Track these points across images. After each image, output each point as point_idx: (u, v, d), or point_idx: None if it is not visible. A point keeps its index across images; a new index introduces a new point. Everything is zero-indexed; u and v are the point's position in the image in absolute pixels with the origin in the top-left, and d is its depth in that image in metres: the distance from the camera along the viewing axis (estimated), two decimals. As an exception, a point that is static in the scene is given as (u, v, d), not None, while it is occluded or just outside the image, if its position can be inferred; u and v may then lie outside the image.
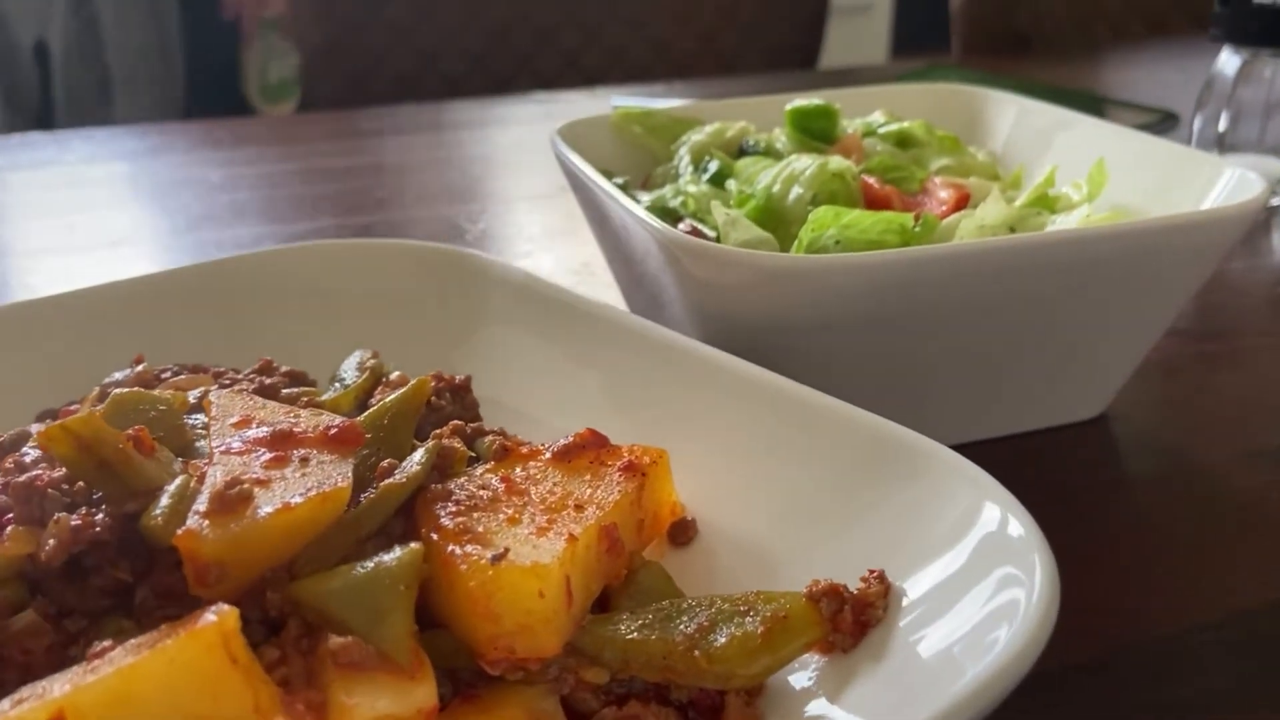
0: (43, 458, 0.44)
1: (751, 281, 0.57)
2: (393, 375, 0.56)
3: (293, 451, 0.43)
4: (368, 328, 0.64)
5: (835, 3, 2.12)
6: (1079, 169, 0.74)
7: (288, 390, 0.54)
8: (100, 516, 0.41)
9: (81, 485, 0.42)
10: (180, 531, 0.38)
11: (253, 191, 1.19)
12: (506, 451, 0.49)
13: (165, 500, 0.40)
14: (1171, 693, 0.48)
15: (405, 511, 0.44)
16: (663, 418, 0.55)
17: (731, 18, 2.02)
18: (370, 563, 0.40)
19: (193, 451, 0.46)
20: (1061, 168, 0.75)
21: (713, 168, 0.77)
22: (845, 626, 0.42)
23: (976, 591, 0.40)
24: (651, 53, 1.97)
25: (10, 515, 0.42)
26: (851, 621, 0.42)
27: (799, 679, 0.42)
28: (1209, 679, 0.49)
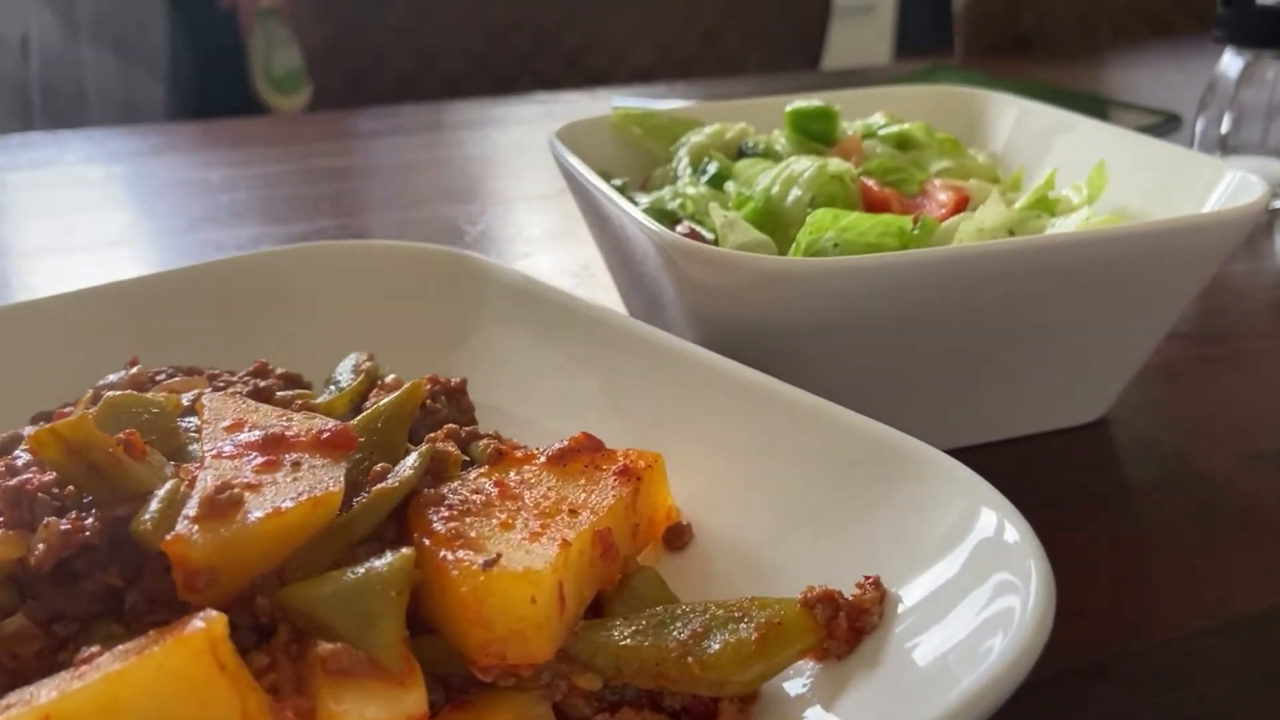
0: (34, 461, 0.44)
1: (748, 284, 0.57)
2: (388, 378, 0.55)
3: (284, 455, 0.43)
4: (364, 330, 0.63)
5: (838, 3, 2.12)
6: (1079, 171, 0.74)
7: (282, 393, 0.54)
8: (90, 521, 0.40)
9: (72, 489, 0.42)
10: (169, 536, 0.38)
11: (252, 192, 1.19)
12: (501, 455, 0.49)
13: (155, 505, 0.40)
14: (1171, 700, 0.48)
15: (398, 516, 0.44)
16: (659, 421, 0.55)
17: (734, 18, 2.02)
18: (361, 568, 0.39)
19: (185, 455, 0.45)
20: (1062, 170, 0.75)
21: (712, 169, 0.77)
22: (840, 633, 0.42)
23: (972, 598, 0.39)
24: (654, 53, 1.97)
25: (0, 519, 0.42)
26: (846, 628, 0.42)
27: (793, 686, 0.42)
28: (1209, 686, 0.49)
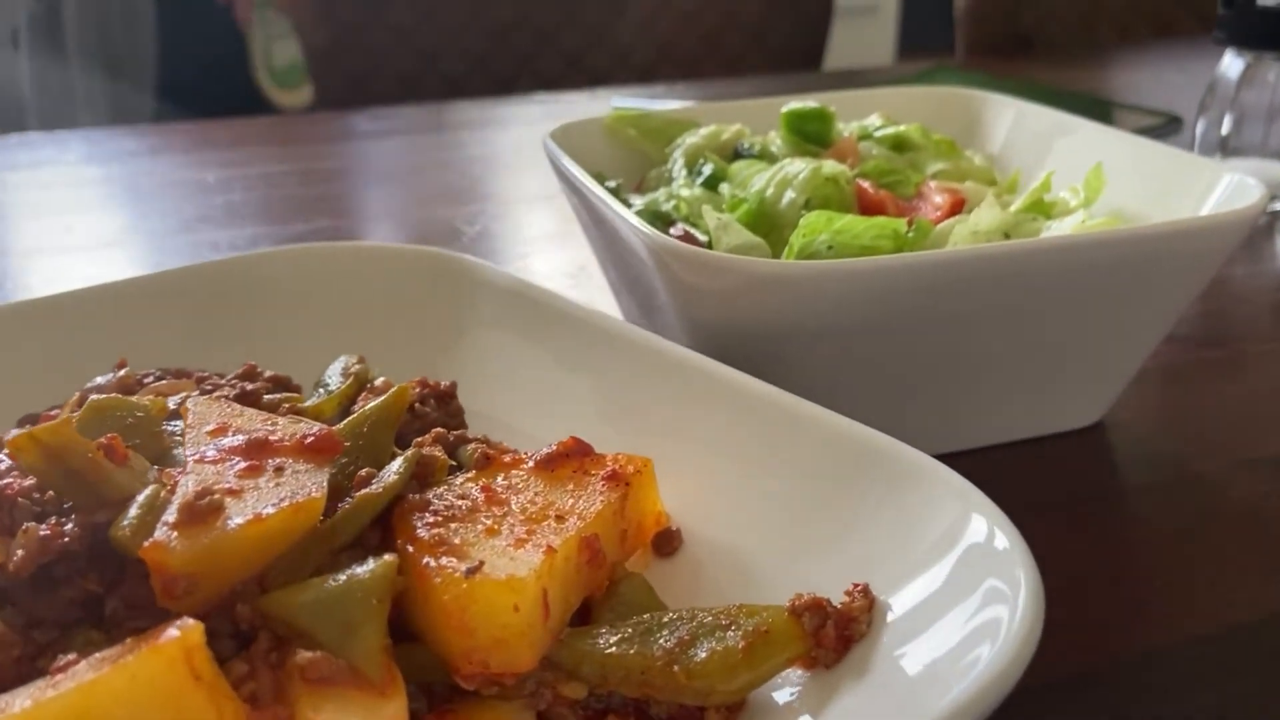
0: (14, 466, 0.43)
1: (741, 287, 0.56)
2: (378, 381, 0.55)
3: (268, 460, 0.42)
4: (354, 332, 0.63)
5: (841, 4, 2.11)
6: (1077, 173, 0.73)
7: (270, 396, 0.53)
8: (70, 526, 0.40)
9: (52, 494, 0.42)
10: (147, 543, 0.37)
11: (249, 192, 1.19)
12: (489, 460, 0.48)
13: (134, 510, 0.39)
14: (1168, 708, 0.47)
15: (382, 522, 0.44)
16: (649, 426, 0.54)
17: (735, 19, 2.01)
18: (343, 575, 0.39)
19: (169, 459, 0.45)
20: (1059, 172, 0.74)
21: (707, 171, 0.76)
22: (828, 642, 0.41)
23: (961, 607, 0.39)
24: (655, 54, 1.96)
25: (-20, 524, 0.41)
26: (834, 637, 0.41)
27: (781, 695, 0.42)
28: (1205, 695, 0.48)
